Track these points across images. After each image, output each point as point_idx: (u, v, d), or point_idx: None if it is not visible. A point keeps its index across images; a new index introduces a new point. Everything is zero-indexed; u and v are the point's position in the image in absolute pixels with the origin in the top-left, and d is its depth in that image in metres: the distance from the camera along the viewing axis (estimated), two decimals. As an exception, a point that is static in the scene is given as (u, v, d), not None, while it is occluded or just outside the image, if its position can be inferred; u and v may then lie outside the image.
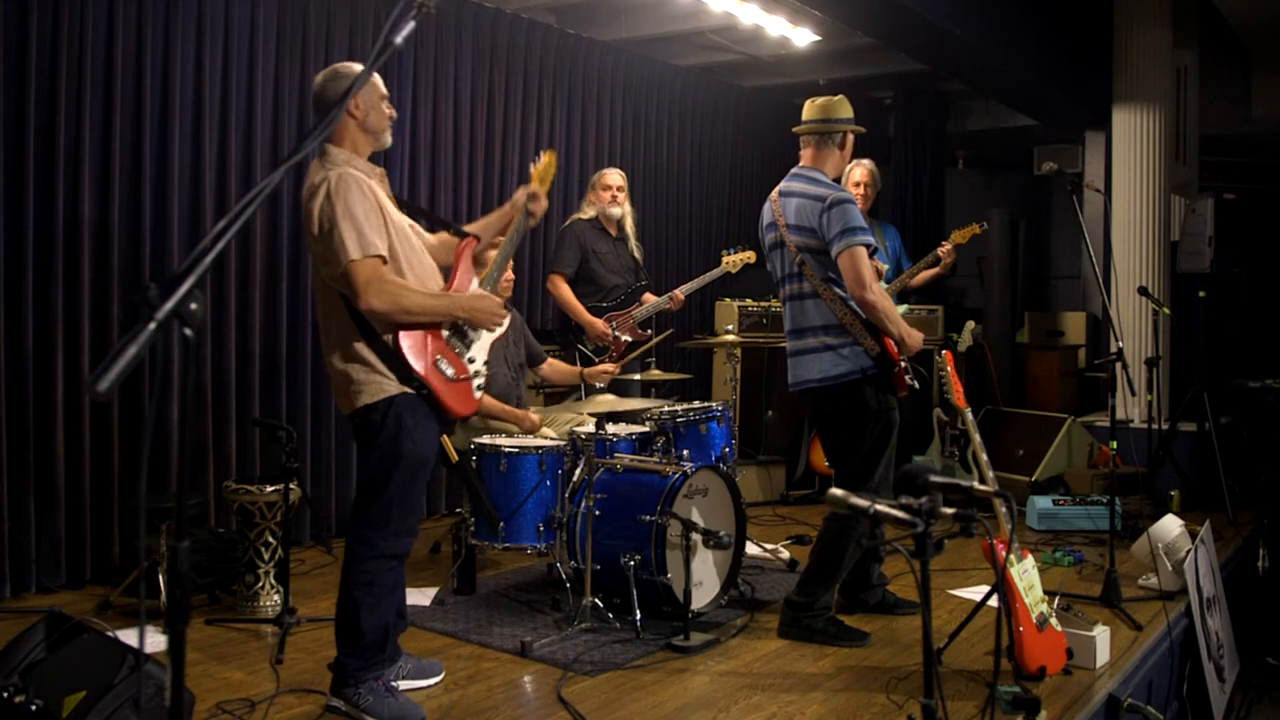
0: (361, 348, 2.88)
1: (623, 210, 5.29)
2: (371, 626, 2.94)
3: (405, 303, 2.85)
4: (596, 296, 5.23)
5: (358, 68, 2.93)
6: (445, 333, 2.99)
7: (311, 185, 2.85)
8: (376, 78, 2.97)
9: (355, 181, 2.81)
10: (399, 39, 1.79)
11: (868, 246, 3.56)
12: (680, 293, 5.33)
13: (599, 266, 5.24)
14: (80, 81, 4.08)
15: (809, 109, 3.80)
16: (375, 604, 2.94)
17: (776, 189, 3.83)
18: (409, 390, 2.90)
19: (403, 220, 2.99)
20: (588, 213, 5.31)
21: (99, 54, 4.14)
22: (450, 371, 2.96)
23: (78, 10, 4.06)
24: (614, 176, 5.31)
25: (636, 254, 5.39)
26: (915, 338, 3.68)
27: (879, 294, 3.58)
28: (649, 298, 5.33)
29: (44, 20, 3.98)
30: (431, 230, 3.24)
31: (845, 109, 3.79)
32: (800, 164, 3.81)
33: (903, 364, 3.68)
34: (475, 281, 3.16)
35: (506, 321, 3.15)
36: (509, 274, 4.34)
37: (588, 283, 5.24)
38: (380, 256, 2.82)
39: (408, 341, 2.88)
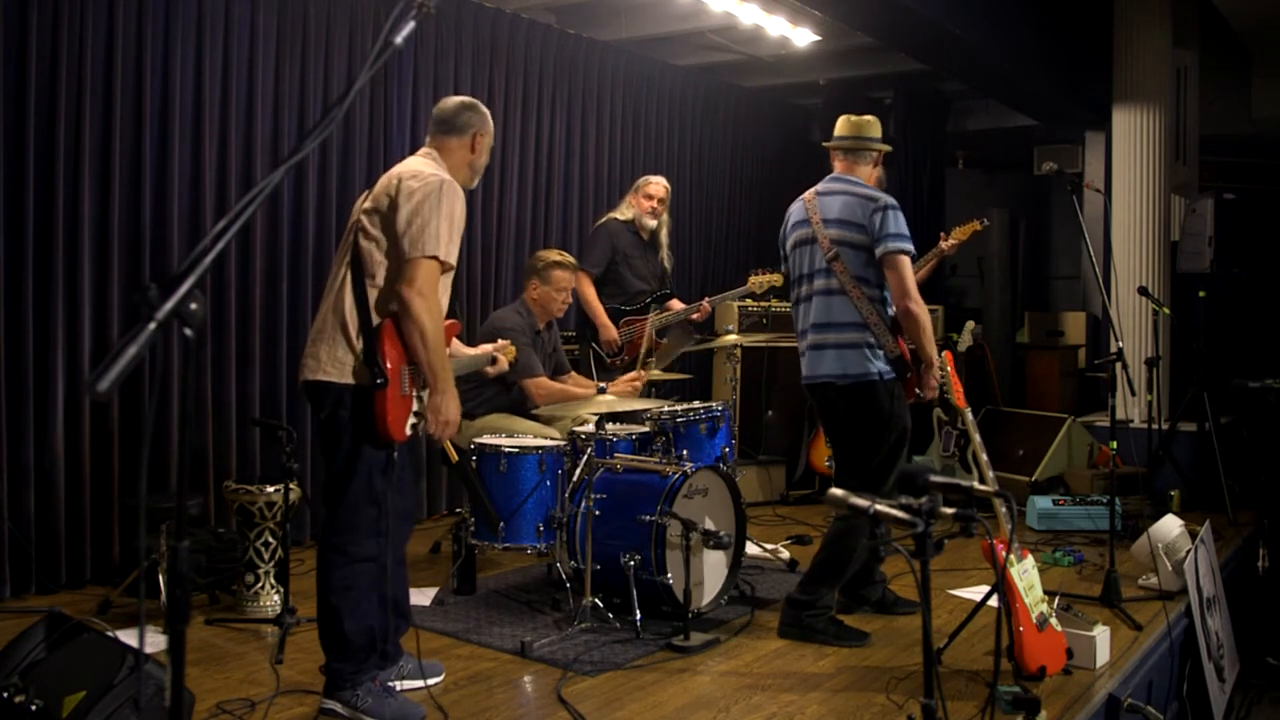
0: (352, 330, 2.91)
1: (659, 221, 5.29)
2: (356, 630, 2.92)
3: (433, 329, 2.87)
4: (619, 299, 5.23)
5: (490, 119, 3.17)
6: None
7: (422, 173, 2.94)
8: (491, 124, 3.17)
9: (460, 196, 2.97)
10: (399, 39, 1.79)
11: (910, 256, 3.67)
12: (708, 304, 5.32)
13: (626, 270, 5.23)
14: (80, 81, 4.08)
15: (843, 125, 3.90)
16: (355, 607, 2.92)
17: (812, 190, 3.89)
18: (364, 383, 2.89)
19: None
20: (625, 214, 5.31)
21: (99, 54, 4.14)
22: (406, 387, 2.97)
23: (78, 10, 4.06)
24: (657, 187, 5.30)
25: (666, 263, 5.38)
26: (935, 376, 3.75)
27: (923, 308, 3.67)
28: (675, 304, 5.33)
29: (44, 20, 3.98)
30: None
31: (877, 129, 3.90)
32: (837, 171, 3.89)
33: (911, 375, 3.77)
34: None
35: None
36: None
37: (613, 284, 5.24)
38: (450, 268, 2.95)
39: (392, 340, 2.92)
